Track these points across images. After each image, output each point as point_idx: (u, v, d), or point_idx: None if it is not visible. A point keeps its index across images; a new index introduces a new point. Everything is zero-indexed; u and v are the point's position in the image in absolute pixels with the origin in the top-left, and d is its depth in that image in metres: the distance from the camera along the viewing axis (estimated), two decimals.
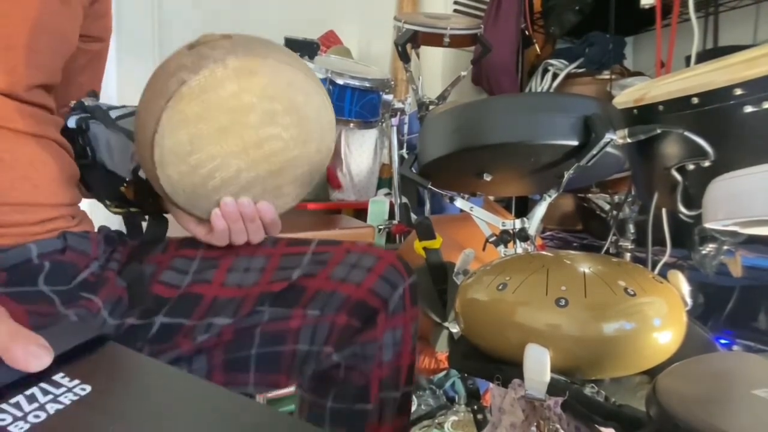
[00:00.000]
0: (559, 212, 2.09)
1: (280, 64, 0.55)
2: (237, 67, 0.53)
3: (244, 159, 0.57)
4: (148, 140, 0.53)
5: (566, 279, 0.55)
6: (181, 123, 0.52)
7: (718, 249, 0.90)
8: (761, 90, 0.70)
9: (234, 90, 0.53)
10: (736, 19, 1.96)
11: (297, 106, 0.58)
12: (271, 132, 0.57)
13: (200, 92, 0.52)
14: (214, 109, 0.53)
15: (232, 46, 0.54)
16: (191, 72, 0.52)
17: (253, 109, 0.55)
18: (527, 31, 2.13)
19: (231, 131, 0.55)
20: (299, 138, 0.59)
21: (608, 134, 0.80)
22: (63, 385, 0.34)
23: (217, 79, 0.52)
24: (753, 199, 0.61)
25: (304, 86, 0.57)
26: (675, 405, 0.40)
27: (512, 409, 0.52)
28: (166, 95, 0.52)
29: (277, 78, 0.55)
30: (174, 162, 0.54)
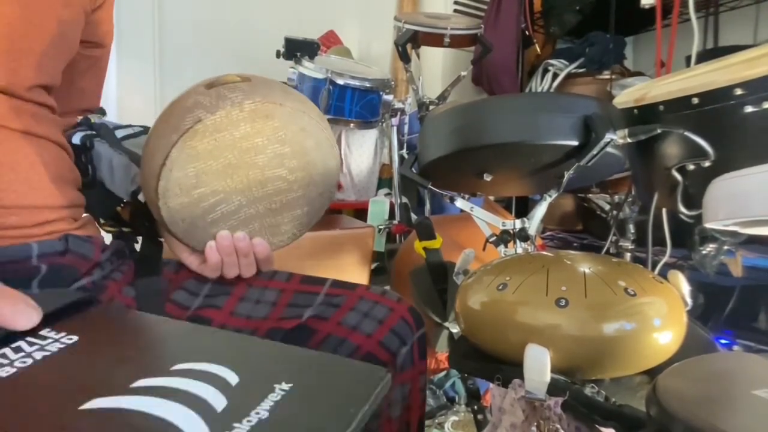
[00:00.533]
0: (560, 212, 2.09)
1: (296, 111, 0.57)
2: (253, 110, 0.54)
3: (246, 195, 0.58)
4: (155, 171, 0.54)
5: (566, 279, 0.55)
6: (190, 158, 0.54)
7: (719, 249, 0.90)
8: (761, 90, 0.70)
9: (247, 131, 0.55)
10: (736, 19, 1.96)
11: (305, 151, 0.59)
12: (277, 173, 0.59)
13: (214, 131, 0.54)
14: (224, 148, 0.55)
15: (250, 89, 0.56)
16: (208, 111, 0.53)
17: (263, 151, 0.57)
18: (527, 31, 2.13)
19: (238, 169, 0.56)
20: (303, 181, 0.61)
21: (608, 134, 0.80)
22: (49, 337, 0.34)
23: (232, 120, 0.54)
24: (753, 199, 0.61)
25: (315, 133, 0.59)
26: (675, 405, 0.40)
27: (512, 409, 0.52)
28: (180, 130, 0.53)
29: (290, 123, 0.57)
30: (177, 194, 0.55)
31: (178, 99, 0.57)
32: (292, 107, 0.56)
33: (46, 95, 0.62)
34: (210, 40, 2.13)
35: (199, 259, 0.62)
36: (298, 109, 0.57)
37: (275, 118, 0.56)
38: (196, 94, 0.56)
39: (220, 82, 0.57)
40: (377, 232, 1.72)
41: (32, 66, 0.58)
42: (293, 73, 1.71)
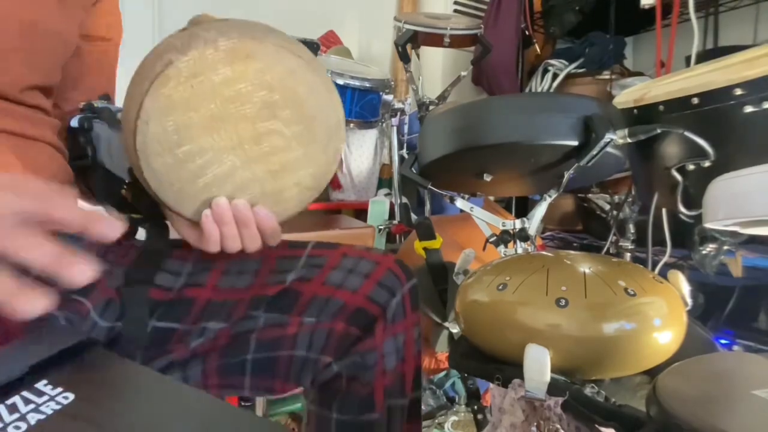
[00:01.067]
0: (560, 212, 2.09)
1: (280, 49, 0.50)
2: (230, 49, 0.48)
3: (239, 155, 0.52)
4: (131, 127, 0.48)
5: (566, 279, 0.55)
6: (167, 109, 0.48)
7: (719, 249, 0.90)
8: (761, 90, 0.70)
9: (227, 75, 0.49)
10: (736, 19, 1.96)
11: (299, 100, 0.52)
12: (271, 127, 0.52)
13: (189, 76, 0.47)
14: (204, 96, 0.49)
15: (227, 27, 0.50)
16: (179, 53, 0.47)
17: (249, 99, 0.50)
18: (527, 31, 2.13)
19: (224, 122, 0.50)
20: (302, 137, 0.54)
21: (608, 134, 0.80)
22: (45, 393, 0.33)
23: (207, 61, 0.48)
24: (753, 199, 0.61)
25: (307, 77, 0.52)
26: (675, 405, 0.40)
27: (512, 409, 0.52)
28: (151, 77, 0.47)
29: (276, 64, 0.50)
30: (158, 152, 0.49)
31: (154, 46, 0.51)
32: (274, 44, 0.50)
33: (42, 97, 0.61)
34: None
35: (198, 231, 0.56)
36: (282, 47, 0.50)
37: (257, 58, 0.49)
38: (169, 38, 0.50)
39: (194, 22, 0.51)
40: (377, 233, 1.72)
41: (25, 65, 0.57)
42: None
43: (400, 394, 0.63)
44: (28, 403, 0.32)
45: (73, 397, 0.33)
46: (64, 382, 0.34)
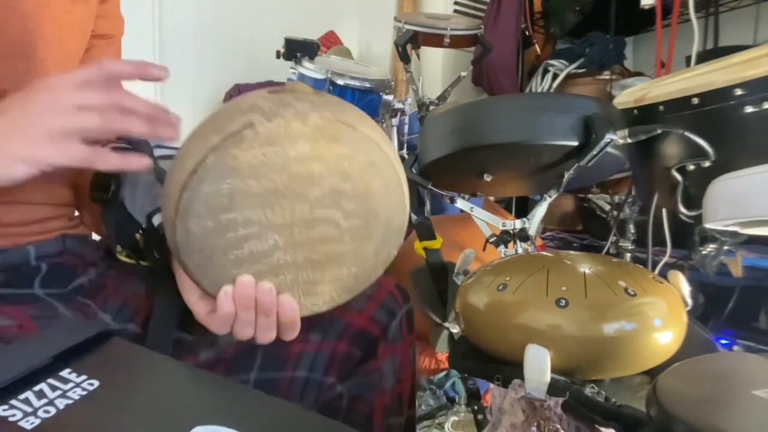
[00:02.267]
0: (560, 212, 2.09)
1: (368, 139, 0.46)
2: (318, 127, 0.44)
3: (285, 236, 0.46)
4: (182, 178, 0.43)
5: (566, 279, 0.55)
6: (229, 171, 0.43)
7: (719, 249, 0.90)
8: (762, 90, 0.70)
9: (305, 151, 0.44)
10: (736, 19, 1.96)
11: (369, 194, 0.48)
12: (329, 215, 0.47)
13: (265, 142, 0.43)
14: (273, 167, 0.44)
15: (321, 102, 0.46)
16: (264, 117, 0.43)
17: (319, 182, 0.45)
18: (527, 31, 2.13)
19: (283, 198, 0.45)
20: (358, 232, 0.49)
21: (608, 134, 0.80)
22: (71, 380, 0.34)
23: (290, 133, 0.43)
24: (753, 199, 0.61)
25: (386, 173, 0.48)
26: (675, 405, 0.40)
27: (512, 409, 0.51)
28: (224, 133, 0.43)
29: (359, 154, 0.46)
30: (201, 213, 0.44)
31: (235, 100, 0.47)
32: (365, 133, 0.46)
33: None
34: (210, 40, 2.13)
35: (209, 306, 0.50)
36: (371, 137, 0.46)
37: (342, 142, 0.45)
38: (255, 97, 0.46)
39: (286, 88, 0.47)
40: None
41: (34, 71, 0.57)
42: (293, 73, 1.71)
43: (398, 412, 0.65)
44: (55, 390, 0.33)
45: (98, 383, 0.34)
46: (88, 369, 0.35)
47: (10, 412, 0.30)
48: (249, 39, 2.17)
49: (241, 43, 2.17)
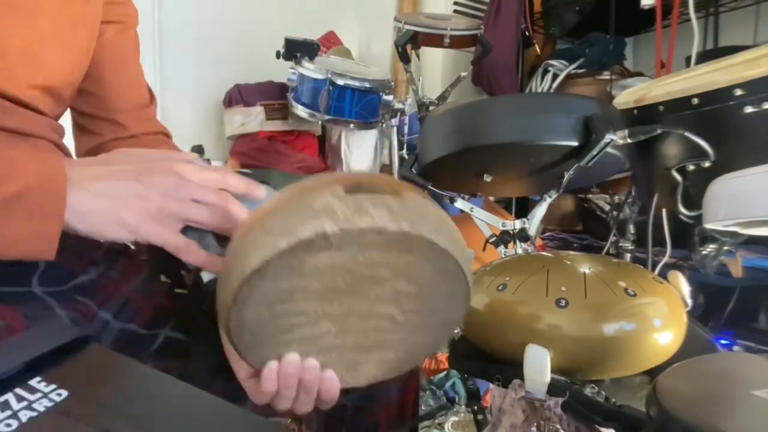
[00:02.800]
0: (560, 213, 2.09)
1: (444, 252, 0.43)
2: (394, 240, 0.41)
3: (339, 324, 0.46)
4: (243, 272, 0.42)
5: (566, 279, 0.55)
6: (293, 272, 0.42)
7: (719, 249, 0.90)
8: (761, 90, 0.70)
9: (374, 259, 0.42)
10: (736, 20, 1.96)
11: (433, 297, 0.46)
12: (387, 310, 0.46)
13: (336, 249, 0.41)
14: (338, 269, 0.42)
15: (400, 210, 0.42)
16: (336, 224, 0.40)
17: (383, 283, 0.44)
18: (527, 31, 2.13)
19: (343, 295, 0.44)
20: (413, 326, 0.48)
21: (608, 135, 0.80)
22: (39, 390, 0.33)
23: (363, 243, 0.41)
24: (753, 200, 0.61)
25: (454, 282, 0.46)
26: (675, 405, 0.40)
27: (512, 409, 0.52)
28: (294, 237, 0.40)
29: (431, 263, 0.44)
30: (258, 303, 0.43)
31: (308, 187, 0.43)
32: (442, 246, 0.43)
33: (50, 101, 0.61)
34: (210, 40, 2.13)
35: (251, 372, 0.51)
36: (448, 251, 0.43)
37: (415, 253, 0.43)
38: (330, 194, 0.41)
39: (364, 186, 0.42)
40: None
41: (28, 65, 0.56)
42: (293, 73, 1.72)
43: (401, 422, 0.64)
44: (21, 401, 0.32)
45: (66, 394, 0.33)
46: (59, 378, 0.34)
47: None
48: (249, 39, 2.17)
49: (241, 43, 2.17)
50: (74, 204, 0.46)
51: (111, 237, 0.48)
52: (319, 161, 2.05)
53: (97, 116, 0.73)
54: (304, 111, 1.73)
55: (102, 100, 0.72)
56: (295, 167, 1.97)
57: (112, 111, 0.73)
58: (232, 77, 2.03)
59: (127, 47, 0.75)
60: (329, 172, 2.09)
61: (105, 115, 0.73)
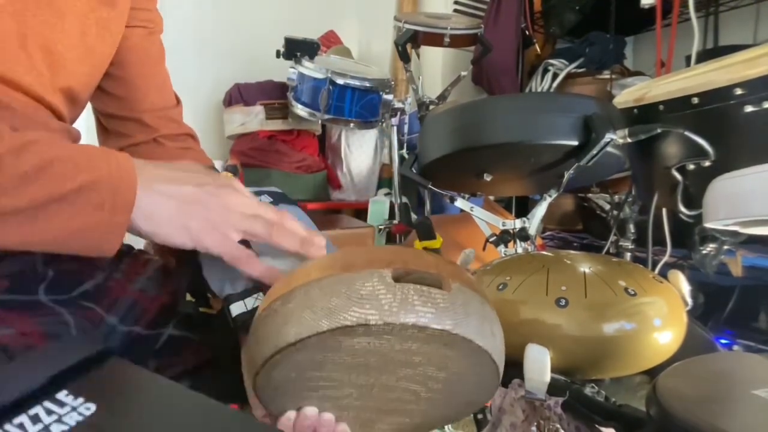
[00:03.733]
0: (560, 212, 2.09)
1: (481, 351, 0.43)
2: (435, 336, 0.41)
3: (362, 392, 0.46)
4: (278, 342, 0.41)
5: (566, 279, 0.55)
6: (328, 348, 0.42)
7: (719, 249, 0.90)
8: (762, 90, 0.70)
9: (410, 349, 0.42)
10: (736, 19, 1.96)
11: (461, 381, 0.46)
12: (413, 388, 0.46)
13: (375, 337, 0.41)
14: (373, 353, 0.42)
15: (447, 306, 0.41)
16: (381, 316, 0.39)
17: (414, 367, 0.44)
18: (527, 31, 2.13)
19: (372, 371, 0.44)
20: (435, 402, 0.48)
21: (608, 134, 0.80)
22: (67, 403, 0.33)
23: (404, 336, 0.41)
24: (753, 199, 0.61)
25: (486, 373, 0.45)
26: (675, 405, 0.40)
27: (512, 409, 0.52)
28: (336, 322, 0.40)
29: (466, 359, 0.43)
30: (288, 369, 0.43)
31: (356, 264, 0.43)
32: (480, 346, 0.42)
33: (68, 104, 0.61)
34: (210, 40, 2.13)
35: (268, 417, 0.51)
36: (486, 350, 0.43)
37: (454, 349, 0.42)
38: (378, 281, 0.41)
39: (412, 275, 0.42)
40: (377, 232, 1.72)
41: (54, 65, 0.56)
42: (293, 73, 1.71)
43: None
44: (51, 414, 0.32)
45: (95, 407, 0.33)
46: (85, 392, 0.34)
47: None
48: (249, 39, 2.17)
49: (241, 43, 2.17)
50: (142, 204, 0.47)
51: (172, 242, 0.49)
52: (319, 161, 2.05)
53: (123, 117, 0.74)
54: (304, 110, 1.73)
55: (128, 101, 0.73)
56: (295, 167, 1.97)
57: (138, 111, 0.73)
58: (232, 76, 2.03)
59: (152, 51, 0.76)
60: (329, 171, 2.09)
61: (131, 115, 0.73)
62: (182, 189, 0.49)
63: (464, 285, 0.43)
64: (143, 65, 0.74)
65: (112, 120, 0.74)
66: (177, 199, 0.49)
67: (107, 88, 0.70)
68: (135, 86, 0.72)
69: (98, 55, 0.64)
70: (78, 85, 0.62)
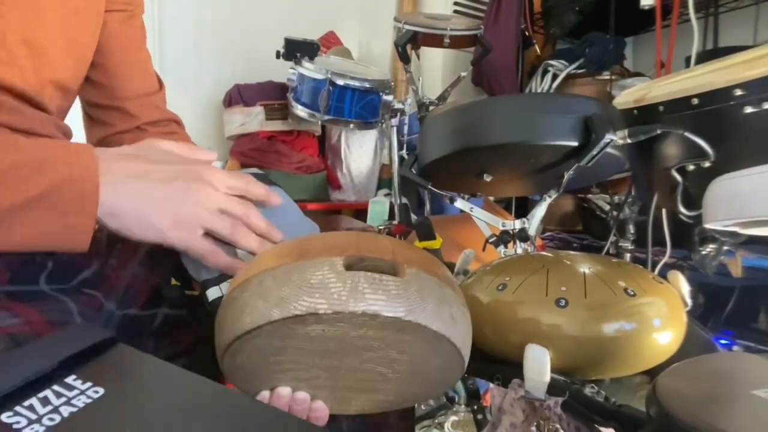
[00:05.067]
0: (559, 212, 2.09)
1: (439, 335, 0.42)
2: (388, 324, 0.40)
3: (330, 373, 0.46)
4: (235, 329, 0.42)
5: (566, 279, 0.55)
6: (284, 336, 0.42)
7: (718, 249, 0.90)
8: (761, 90, 0.70)
9: (367, 335, 0.42)
10: (736, 20, 1.96)
11: (425, 364, 0.45)
12: (378, 369, 0.46)
13: (327, 324, 0.40)
14: (330, 338, 0.42)
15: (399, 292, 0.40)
16: (330, 305, 0.39)
17: (375, 351, 0.44)
18: (527, 31, 2.13)
19: (334, 354, 0.44)
20: (404, 380, 0.47)
21: (608, 135, 0.80)
22: (76, 387, 0.34)
23: (355, 324, 0.40)
24: (753, 200, 0.61)
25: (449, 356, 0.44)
26: (675, 405, 0.40)
27: (512, 409, 0.52)
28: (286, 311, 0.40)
29: (424, 342, 0.43)
30: (251, 355, 0.43)
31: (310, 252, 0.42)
32: (436, 330, 0.41)
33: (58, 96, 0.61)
34: (210, 40, 2.13)
35: None
36: (444, 335, 0.42)
37: (409, 334, 0.41)
38: (329, 269, 0.41)
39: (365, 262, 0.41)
40: (377, 233, 1.72)
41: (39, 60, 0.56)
42: (293, 73, 1.71)
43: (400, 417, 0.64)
44: (60, 397, 0.32)
45: (103, 391, 0.34)
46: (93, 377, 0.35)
47: (15, 419, 0.30)
48: (249, 39, 2.17)
49: (241, 43, 2.17)
50: (107, 204, 0.48)
51: (140, 238, 0.50)
52: (318, 161, 2.06)
53: (105, 105, 0.73)
54: (303, 111, 1.73)
55: (109, 89, 0.72)
56: (295, 167, 1.97)
57: (120, 99, 0.73)
58: (231, 77, 2.03)
59: (133, 35, 0.75)
60: (329, 172, 2.09)
61: (113, 104, 0.73)
62: (149, 187, 0.50)
63: (421, 269, 0.43)
64: (124, 52, 0.73)
65: (95, 109, 0.74)
66: (143, 197, 0.49)
67: (90, 76, 0.70)
68: (116, 74, 0.72)
69: (81, 45, 0.64)
70: (65, 77, 0.62)
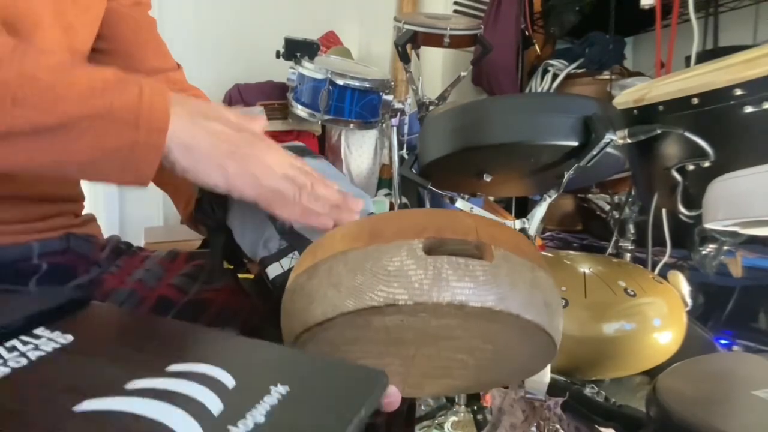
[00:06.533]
0: (560, 212, 2.09)
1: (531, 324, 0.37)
2: (476, 314, 0.36)
3: (404, 360, 0.43)
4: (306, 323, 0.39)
5: (566, 279, 0.55)
6: (358, 328, 0.38)
7: (719, 249, 0.90)
8: (761, 90, 0.70)
9: (449, 325, 0.37)
10: (736, 20, 1.96)
11: (511, 352, 0.42)
12: (458, 357, 0.42)
13: (407, 314, 0.36)
14: (409, 328, 0.38)
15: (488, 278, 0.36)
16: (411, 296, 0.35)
17: (457, 339, 0.39)
18: (527, 31, 2.13)
19: (410, 344, 0.40)
20: (481, 368, 0.44)
21: (608, 134, 0.80)
22: (44, 336, 0.33)
23: (439, 314, 0.36)
24: (753, 200, 0.61)
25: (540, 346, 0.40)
26: (675, 405, 0.40)
27: (512, 409, 0.51)
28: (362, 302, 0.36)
29: (513, 331, 0.38)
30: (321, 344, 0.40)
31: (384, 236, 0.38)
32: (529, 320, 0.37)
33: None
34: (210, 40, 2.13)
35: None
36: (537, 323, 0.37)
37: (499, 323, 0.37)
38: (407, 254, 0.36)
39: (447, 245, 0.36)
40: None
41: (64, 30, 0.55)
42: (293, 73, 1.71)
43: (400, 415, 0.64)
44: (27, 344, 0.32)
45: (72, 338, 0.33)
46: (63, 327, 0.34)
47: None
48: (249, 39, 2.17)
49: (241, 43, 2.17)
50: (180, 134, 0.44)
51: (206, 180, 0.46)
52: None
53: None
54: (303, 111, 1.73)
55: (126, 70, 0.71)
56: None
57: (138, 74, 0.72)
58: (232, 77, 2.03)
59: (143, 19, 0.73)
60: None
61: None
62: (220, 127, 0.46)
63: (510, 250, 0.37)
64: (137, 33, 0.71)
65: None
66: (215, 136, 0.46)
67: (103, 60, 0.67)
68: (131, 55, 0.69)
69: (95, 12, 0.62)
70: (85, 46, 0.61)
